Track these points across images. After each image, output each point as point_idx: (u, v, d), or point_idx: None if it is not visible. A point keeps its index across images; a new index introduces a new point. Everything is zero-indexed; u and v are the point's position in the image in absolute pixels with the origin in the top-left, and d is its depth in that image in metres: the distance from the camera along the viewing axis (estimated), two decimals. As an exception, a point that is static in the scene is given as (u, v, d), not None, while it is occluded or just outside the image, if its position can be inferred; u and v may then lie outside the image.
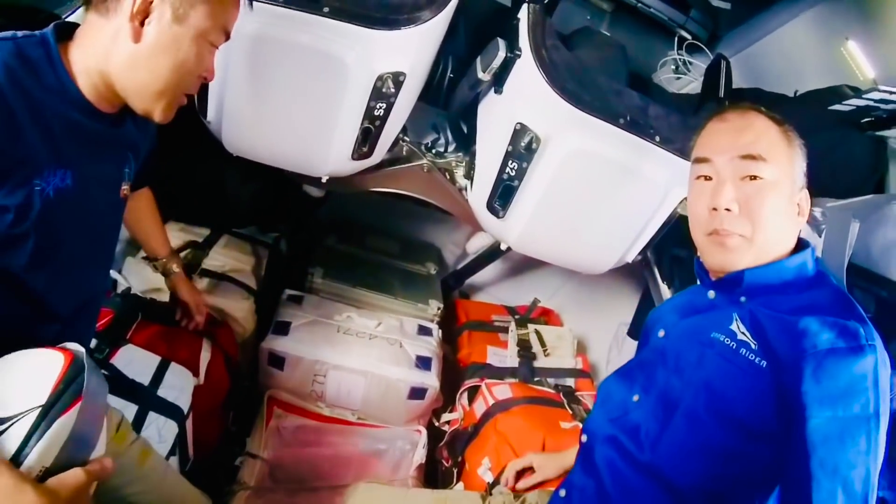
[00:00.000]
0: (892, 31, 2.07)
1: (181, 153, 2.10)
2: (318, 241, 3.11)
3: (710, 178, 1.30)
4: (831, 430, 1.07)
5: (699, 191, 1.33)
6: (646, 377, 1.42)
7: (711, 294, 1.36)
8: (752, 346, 1.21)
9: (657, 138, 1.93)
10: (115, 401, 1.65)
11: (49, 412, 0.95)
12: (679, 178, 1.97)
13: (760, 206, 1.23)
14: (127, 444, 1.47)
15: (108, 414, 1.38)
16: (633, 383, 1.44)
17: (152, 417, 1.73)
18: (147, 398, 1.75)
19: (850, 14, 2.26)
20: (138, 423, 1.70)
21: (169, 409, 1.77)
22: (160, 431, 1.73)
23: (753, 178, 1.25)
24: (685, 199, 2.01)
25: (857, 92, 1.95)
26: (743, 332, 1.23)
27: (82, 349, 1.07)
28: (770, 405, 1.15)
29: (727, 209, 1.25)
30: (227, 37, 1.33)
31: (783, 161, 1.26)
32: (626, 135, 1.91)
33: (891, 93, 1.75)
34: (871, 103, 1.85)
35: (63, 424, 0.96)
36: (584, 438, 1.51)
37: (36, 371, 1.00)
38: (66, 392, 0.98)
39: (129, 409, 1.68)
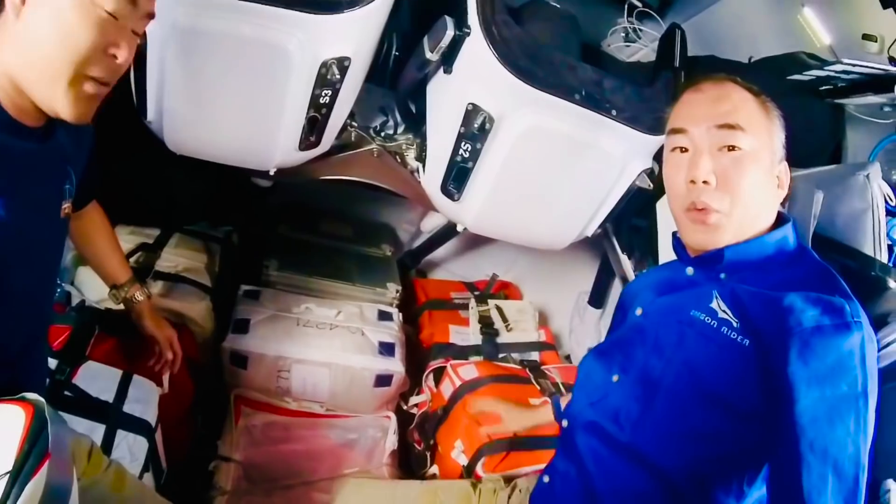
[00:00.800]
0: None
1: (126, 156, 2.01)
2: (270, 231, 3.04)
3: (687, 150, 1.28)
4: (819, 411, 1.07)
5: (676, 163, 1.30)
6: (624, 357, 1.41)
7: (690, 271, 1.35)
8: (734, 325, 1.20)
9: (613, 112, 1.91)
10: (82, 423, 1.59)
11: (19, 476, 0.91)
12: (637, 150, 1.99)
13: (739, 178, 1.22)
14: (101, 470, 1.40)
15: (79, 442, 1.33)
16: (612, 363, 1.43)
17: (121, 436, 1.66)
18: (114, 416, 1.67)
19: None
20: (108, 443, 1.63)
21: (137, 425, 1.70)
22: (131, 449, 1.66)
23: (731, 148, 1.23)
24: (644, 171, 2.04)
25: (817, 60, 1.95)
26: (724, 311, 1.22)
27: (41, 399, 1.01)
28: (754, 384, 1.15)
29: (705, 181, 1.23)
30: (133, 3, 1.14)
31: (761, 132, 1.25)
32: (582, 110, 1.89)
33: (853, 65, 1.77)
34: (832, 73, 1.87)
35: (36, 485, 0.92)
36: (564, 423, 1.50)
37: None
38: (33, 451, 0.94)
39: (97, 430, 1.62)
